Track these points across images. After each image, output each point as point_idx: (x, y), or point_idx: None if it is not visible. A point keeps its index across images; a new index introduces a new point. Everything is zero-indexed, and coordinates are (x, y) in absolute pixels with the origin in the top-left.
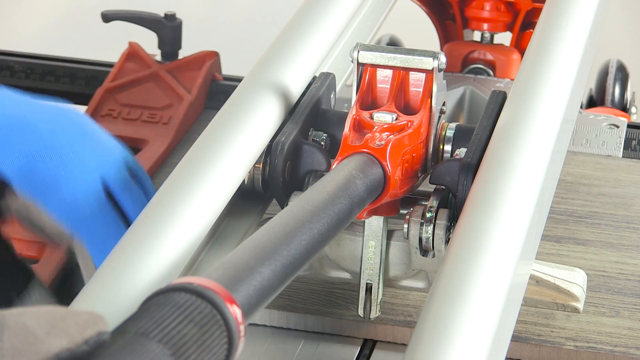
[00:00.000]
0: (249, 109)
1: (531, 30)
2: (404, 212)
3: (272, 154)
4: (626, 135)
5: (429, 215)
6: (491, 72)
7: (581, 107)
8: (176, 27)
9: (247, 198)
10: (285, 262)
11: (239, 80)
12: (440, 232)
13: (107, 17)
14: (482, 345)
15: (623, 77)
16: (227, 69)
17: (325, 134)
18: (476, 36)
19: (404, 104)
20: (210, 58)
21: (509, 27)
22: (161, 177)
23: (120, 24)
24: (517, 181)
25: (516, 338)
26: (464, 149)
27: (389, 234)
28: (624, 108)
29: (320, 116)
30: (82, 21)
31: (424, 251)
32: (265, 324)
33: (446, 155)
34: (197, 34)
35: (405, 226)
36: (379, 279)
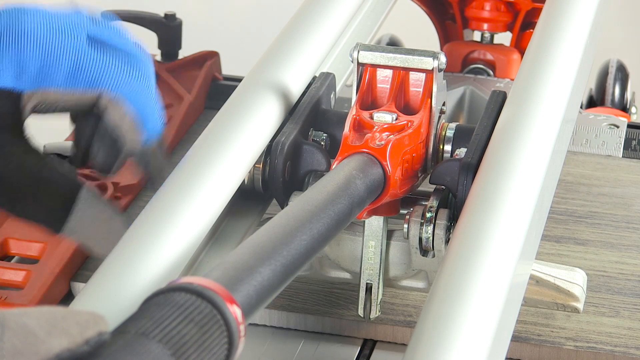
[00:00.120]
0: (249, 109)
1: (531, 30)
2: (404, 212)
3: (272, 154)
4: (626, 135)
5: (429, 215)
6: (491, 72)
7: (581, 107)
8: (176, 27)
9: (247, 198)
10: (285, 262)
11: (239, 80)
12: (440, 232)
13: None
14: (482, 345)
15: (623, 77)
16: (227, 69)
17: (325, 134)
18: (476, 36)
19: (404, 104)
20: (210, 58)
21: (509, 27)
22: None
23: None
24: (517, 181)
25: (516, 338)
26: (464, 149)
27: (389, 234)
28: (624, 108)
29: (320, 116)
30: None
31: (424, 251)
32: (265, 324)
33: (446, 155)
34: (197, 34)
35: (405, 226)
36: (379, 279)
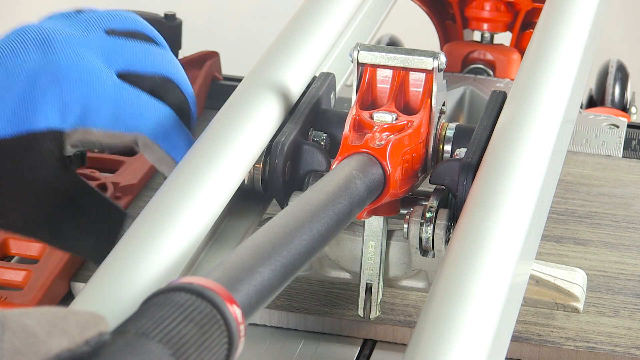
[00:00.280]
0: (249, 109)
1: (531, 30)
2: (404, 212)
3: (272, 154)
4: (626, 135)
5: (429, 215)
6: (491, 72)
7: (581, 107)
8: (176, 27)
9: (247, 198)
10: (285, 262)
11: (239, 80)
12: (440, 232)
13: None
14: (482, 345)
15: (623, 77)
16: (227, 69)
17: (325, 134)
18: (476, 36)
19: (404, 104)
20: (210, 58)
21: (509, 27)
22: (161, 177)
23: None
24: (517, 181)
25: (516, 338)
26: (464, 149)
27: (389, 234)
28: (624, 108)
29: (320, 116)
30: None
31: (424, 251)
32: (265, 324)
33: (446, 155)
34: (197, 34)
35: (405, 226)
36: (379, 279)
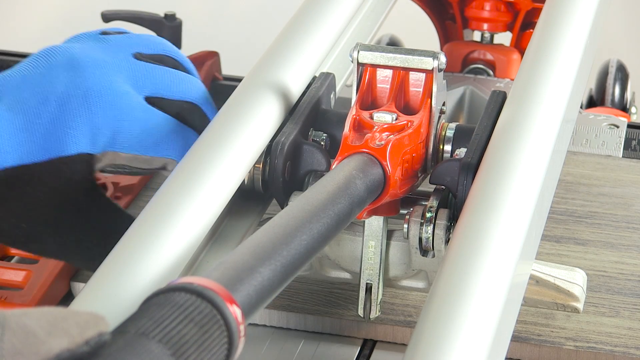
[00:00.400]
0: (249, 109)
1: (531, 30)
2: (404, 212)
3: (272, 154)
4: (626, 135)
5: (429, 215)
6: (491, 72)
7: (581, 107)
8: (176, 27)
9: (247, 198)
10: (285, 262)
11: (239, 80)
12: (440, 232)
13: (107, 17)
14: (482, 345)
15: (623, 77)
16: (227, 69)
17: (325, 134)
18: (476, 36)
19: (404, 104)
20: (210, 58)
21: (509, 27)
22: (161, 177)
23: (120, 24)
24: (517, 181)
25: (516, 338)
26: (464, 149)
27: (389, 234)
28: (624, 108)
29: (320, 116)
30: (82, 21)
31: (424, 251)
32: (265, 324)
33: (446, 155)
34: (197, 34)
35: (405, 226)
36: (379, 279)
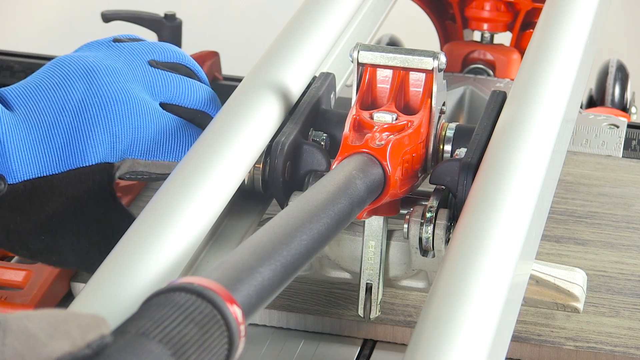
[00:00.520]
0: (249, 109)
1: (531, 30)
2: (404, 212)
3: (272, 154)
4: (626, 135)
5: (429, 215)
6: (491, 72)
7: (581, 107)
8: (176, 27)
9: (247, 198)
10: (285, 262)
11: (239, 80)
12: (440, 232)
13: (107, 17)
14: (482, 345)
15: (623, 77)
16: (227, 69)
17: (325, 134)
18: (476, 36)
19: (404, 104)
20: (210, 58)
21: (509, 27)
22: None
23: (120, 24)
24: (517, 181)
25: (516, 338)
26: (464, 149)
27: (389, 234)
28: (624, 108)
29: (320, 116)
30: (82, 21)
31: (424, 251)
32: (265, 324)
33: (446, 155)
34: (197, 34)
35: (405, 226)
36: (379, 279)
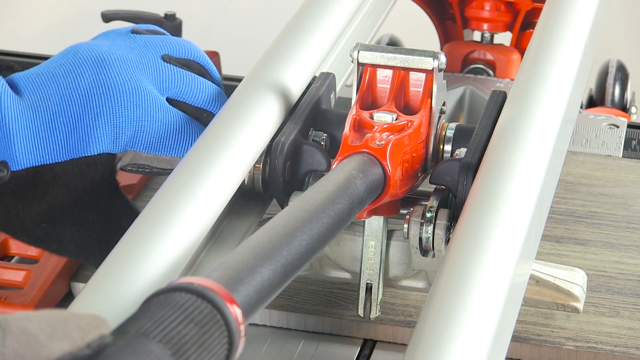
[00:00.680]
0: (249, 109)
1: (531, 30)
2: (404, 212)
3: (272, 154)
4: (626, 135)
5: (429, 215)
6: (491, 72)
7: (581, 107)
8: (176, 27)
9: (247, 198)
10: (286, 262)
11: (239, 80)
12: (440, 232)
13: (107, 17)
14: (482, 345)
15: (623, 77)
16: (227, 69)
17: (325, 134)
18: (476, 36)
19: (404, 104)
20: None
21: (509, 27)
22: (161, 177)
23: (120, 24)
24: (517, 181)
25: (516, 338)
26: (464, 149)
27: (389, 234)
28: (624, 108)
29: (320, 116)
30: (82, 21)
31: (424, 251)
32: (265, 324)
33: (446, 155)
34: (197, 34)
35: (405, 226)
36: (379, 279)
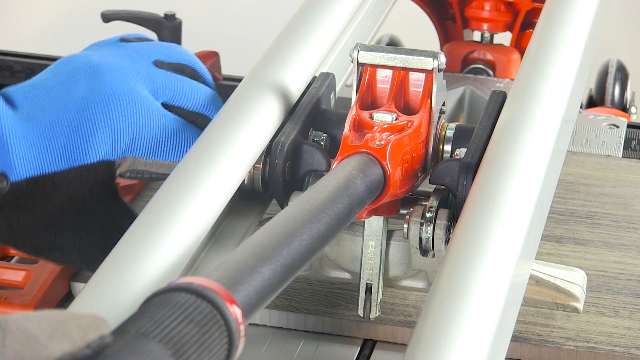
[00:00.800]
0: (249, 109)
1: (531, 30)
2: (404, 212)
3: (272, 154)
4: (626, 135)
5: (429, 215)
6: (491, 72)
7: (581, 107)
8: (176, 27)
9: (247, 198)
10: (285, 262)
11: (239, 80)
12: (440, 232)
13: (107, 17)
14: (482, 345)
15: (623, 77)
16: (227, 69)
17: (325, 134)
18: (476, 36)
19: (403, 104)
20: (210, 58)
21: (509, 27)
22: None
23: (120, 24)
24: (517, 181)
25: (516, 338)
26: (464, 149)
27: (389, 234)
28: (623, 108)
29: (320, 116)
30: (82, 21)
31: (424, 251)
32: (265, 324)
33: (446, 155)
34: (197, 34)
35: (405, 226)
36: (379, 279)
